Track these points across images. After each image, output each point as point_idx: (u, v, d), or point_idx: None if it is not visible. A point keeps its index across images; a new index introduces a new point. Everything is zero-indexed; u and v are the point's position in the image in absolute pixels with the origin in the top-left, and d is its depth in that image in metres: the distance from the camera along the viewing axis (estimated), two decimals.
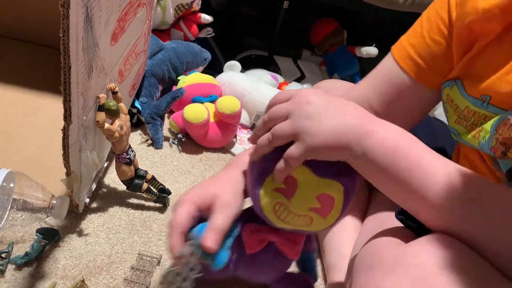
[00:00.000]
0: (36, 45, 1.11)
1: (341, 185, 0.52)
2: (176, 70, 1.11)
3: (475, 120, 0.57)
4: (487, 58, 0.56)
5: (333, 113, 0.49)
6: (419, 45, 0.63)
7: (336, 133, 0.48)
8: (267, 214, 0.56)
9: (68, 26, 0.47)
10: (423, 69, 0.63)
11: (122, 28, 0.68)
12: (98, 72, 0.61)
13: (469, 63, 0.58)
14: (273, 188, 0.53)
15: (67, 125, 0.55)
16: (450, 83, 0.61)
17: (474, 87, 0.56)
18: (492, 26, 0.55)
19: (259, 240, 0.60)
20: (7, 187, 0.65)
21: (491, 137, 0.51)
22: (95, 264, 0.69)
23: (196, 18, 1.26)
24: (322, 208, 0.53)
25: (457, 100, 0.59)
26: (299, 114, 0.49)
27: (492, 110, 0.55)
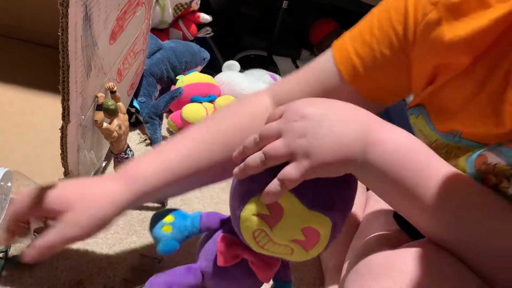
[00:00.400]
0: (35, 44, 1.11)
1: (330, 221, 0.48)
2: (175, 70, 1.11)
3: (449, 150, 0.53)
4: (453, 91, 0.51)
5: (331, 124, 0.45)
6: (366, 55, 0.55)
7: (338, 147, 0.44)
8: (246, 238, 0.52)
9: (67, 25, 0.47)
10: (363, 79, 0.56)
11: (121, 27, 0.68)
12: (96, 71, 0.61)
13: (433, 95, 0.53)
14: (256, 213, 0.49)
15: (65, 124, 0.55)
16: (414, 111, 0.55)
17: (442, 121, 0.52)
18: (460, 59, 0.48)
19: (233, 255, 0.57)
20: (4, 186, 0.65)
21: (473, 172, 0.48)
22: (93, 265, 0.68)
23: (195, 18, 1.25)
24: (306, 241, 0.49)
25: (425, 132, 0.54)
26: (294, 131, 0.45)
27: (465, 143, 0.51)
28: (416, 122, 0.56)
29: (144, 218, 0.79)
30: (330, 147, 0.44)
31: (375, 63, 0.54)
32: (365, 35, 0.55)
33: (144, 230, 0.77)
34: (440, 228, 0.44)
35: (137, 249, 0.73)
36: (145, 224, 0.78)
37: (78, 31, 0.50)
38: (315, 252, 0.50)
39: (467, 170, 0.49)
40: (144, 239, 0.75)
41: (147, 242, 0.75)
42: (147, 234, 0.76)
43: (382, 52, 0.54)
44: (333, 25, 1.50)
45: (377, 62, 0.54)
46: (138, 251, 0.73)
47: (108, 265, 0.69)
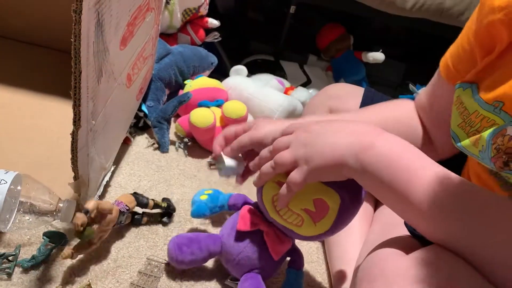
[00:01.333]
0: (45, 48, 1.12)
1: (338, 197, 0.56)
2: (183, 74, 1.11)
3: (480, 127, 0.55)
4: (505, 63, 0.54)
5: (328, 135, 0.53)
6: (454, 53, 0.64)
7: (331, 152, 0.51)
8: (266, 202, 0.62)
9: (79, 32, 0.47)
10: (456, 76, 0.64)
11: (131, 33, 0.68)
12: (107, 77, 0.61)
13: (486, 68, 0.57)
14: (276, 181, 0.59)
15: (76, 129, 0.56)
16: (463, 85, 0.60)
17: (488, 91, 0.55)
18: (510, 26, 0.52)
19: (251, 221, 0.66)
20: (14, 190, 0.65)
21: (489, 147, 0.51)
22: (101, 268, 0.69)
23: (203, 23, 1.26)
24: (315, 213, 0.57)
25: (467, 102, 0.58)
26: (298, 142, 0.54)
27: (503, 117, 0.53)
28: (461, 94, 0.59)
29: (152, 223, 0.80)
30: (323, 153, 0.51)
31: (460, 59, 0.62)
32: (457, 39, 0.65)
33: (151, 234, 0.77)
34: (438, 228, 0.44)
35: (145, 253, 0.73)
36: (153, 228, 0.78)
37: (90, 38, 0.51)
38: (322, 227, 0.57)
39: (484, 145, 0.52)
40: (151, 243, 0.75)
41: (155, 246, 0.75)
42: (155, 238, 0.76)
43: (464, 47, 0.62)
44: (341, 30, 1.50)
45: (460, 57, 0.62)
46: (147, 255, 0.73)
47: (116, 269, 0.69)
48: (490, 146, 0.50)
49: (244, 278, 0.67)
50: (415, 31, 1.42)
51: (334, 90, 0.89)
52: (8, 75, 1.01)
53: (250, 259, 0.67)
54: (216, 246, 0.70)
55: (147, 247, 0.74)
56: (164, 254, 0.74)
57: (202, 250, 0.69)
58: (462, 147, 0.58)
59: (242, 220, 0.67)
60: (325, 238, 0.60)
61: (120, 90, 0.71)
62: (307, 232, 0.59)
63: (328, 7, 1.37)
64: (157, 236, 0.77)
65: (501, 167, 0.48)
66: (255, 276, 0.67)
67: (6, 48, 1.10)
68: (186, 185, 0.91)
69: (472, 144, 0.55)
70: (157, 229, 0.78)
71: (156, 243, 0.76)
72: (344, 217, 0.58)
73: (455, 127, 0.60)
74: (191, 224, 0.82)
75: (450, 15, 1.24)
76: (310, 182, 0.55)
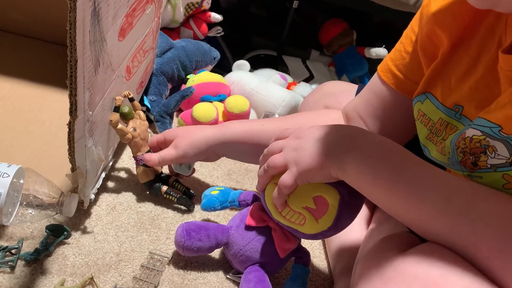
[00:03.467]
0: (44, 41, 1.12)
1: (337, 193, 0.56)
2: (186, 69, 1.11)
3: (445, 135, 0.56)
4: (452, 67, 0.56)
5: (317, 139, 0.54)
6: (396, 58, 0.67)
7: (318, 155, 0.53)
8: (268, 204, 0.63)
9: (75, 19, 0.47)
10: (401, 80, 0.66)
11: (130, 24, 0.68)
12: (105, 68, 0.61)
13: (435, 74, 0.59)
14: (277, 182, 0.59)
15: (72, 119, 0.55)
16: (420, 98, 0.61)
17: (446, 96, 0.57)
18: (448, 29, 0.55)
19: (260, 217, 0.67)
20: (17, 183, 0.65)
21: (454, 152, 0.51)
22: (103, 262, 0.68)
23: (206, 17, 1.26)
24: (316, 210, 0.57)
25: (429, 112, 0.59)
26: (289, 147, 0.57)
27: (464, 121, 0.53)
28: (421, 107, 0.60)
29: (155, 216, 0.79)
30: (309, 156, 0.54)
31: (405, 64, 0.65)
32: (396, 44, 0.68)
33: (154, 228, 0.77)
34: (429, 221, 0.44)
35: (147, 247, 0.73)
36: (156, 222, 0.78)
37: (86, 26, 0.50)
38: (324, 224, 0.57)
39: (450, 152, 0.53)
40: (154, 237, 0.75)
41: (157, 240, 0.75)
42: (158, 233, 0.76)
43: (406, 50, 0.65)
44: (343, 25, 1.49)
45: (406, 62, 0.65)
46: (150, 249, 0.72)
47: (119, 263, 0.69)
48: (455, 151, 0.51)
49: (249, 271, 0.67)
50: None
51: (329, 88, 0.90)
52: (8, 69, 1.01)
53: (256, 252, 0.67)
54: (224, 236, 0.70)
55: (149, 241, 0.74)
56: (167, 248, 0.74)
57: (210, 238, 0.69)
58: (434, 158, 0.58)
59: (251, 216, 0.68)
60: (330, 235, 0.59)
61: (119, 82, 0.70)
62: (310, 230, 0.59)
63: (331, 2, 1.36)
64: (160, 230, 0.77)
65: (472, 168, 0.49)
66: (259, 269, 0.67)
67: (5, 41, 1.10)
68: (188, 179, 0.90)
69: (440, 153, 0.56)
70: (159, 223, 0.78)
71: (159, 237, 0.76)
72: (346, 212, 0.58)
73: (424, 140, 0.61)
74: (193, 219, 0.81)
75: None
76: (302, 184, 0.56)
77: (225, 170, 0.96)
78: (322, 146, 0.53)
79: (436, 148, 0.57)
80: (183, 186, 0.83)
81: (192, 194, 0.83)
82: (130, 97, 0.76)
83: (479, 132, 0.48)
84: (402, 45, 0.66)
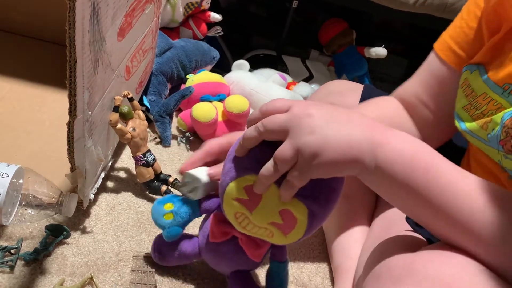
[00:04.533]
0: (44, 41, 1.12)
1: (305, 208, 0.48)
2: (185, 69, 1.11)
3: (485, 110, 0.53)
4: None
5: (338, 124, 0.45)
6: (457, 35, 0.62)
7: (345, 146, 0.44)
8: (229, 219, 0.55)
9: (74, 19, 0.47)
10: (463, 59, 0.61)
11: (130, 24, 0.68)
12: (104, 67, 0.61)
13: (493, 48, 0.55)
14: (234, 198, 0.51)
15: (72, 119, 0.55)
16: (471, 67, 0.57)
17: (497, 73, 0.52)
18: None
19: (223, 231, 0.60)
20: (16, 183, 0.65)
21: (500, 130, 0.49)
22: (103, 262, 0.68)
23: (205, 17, 1.26)
24: (284, 225, 0.50)
25: (475, 85, 0.55)
26: (301, 128, 0.44)
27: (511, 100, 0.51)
28: (468, 77, 0.57)
29: None
30: (337, 146, 0.43)
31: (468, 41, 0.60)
32: (456, 21, 0.62)
33: (154, 228, 0.77)
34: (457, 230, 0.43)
35: (146, 247, 0.73)
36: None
37: (85, 26, 0.50)
38: (294, 237, 0.51)
39: (495, 128, 0.49)
40: (153, 237, 0.75)
41: None
42: (157, 232, 0.76)
43: (470, 26, 0.60)
44: (343, 25, 1.49)
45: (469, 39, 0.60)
46: (147, 249, 0.72)
47: (118, 263, 0.69)
48: (501, 129, 0.48)
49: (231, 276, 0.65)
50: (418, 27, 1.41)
51: (335, 87, 0.89)
52: (7, 69, 1.01)
53: (231, 266, 0.64)
54: (194, 250, 0.67)
55: (149, 241, 0.74)
56: None
57: (181, 256, 0.67)
58: (468, 130, 0.55)
59: (212, 232, 0.61)
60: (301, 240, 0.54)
61: (118, 82, 0.70)
62: (279, 242, 0.54)
63: (330, 2, 1.36)
64: (159, 230, 0.76)
65: (510, 150, 0.47)
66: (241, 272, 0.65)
67: (5, 41, 1.10)
68: None
69: (480, 127, 0.53)
70: None
71: None
72: (316, 223, 0.51)
73: (460, 109, 0.58)
74: None
75: (454, 10, 1.23)
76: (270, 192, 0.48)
77: None
78: (351, 135, 0.44)
79: (476, 121, 0.53)
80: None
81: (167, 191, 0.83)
82: (130, 97, 0.76)
83: None
84: (464, 21, 0.61)
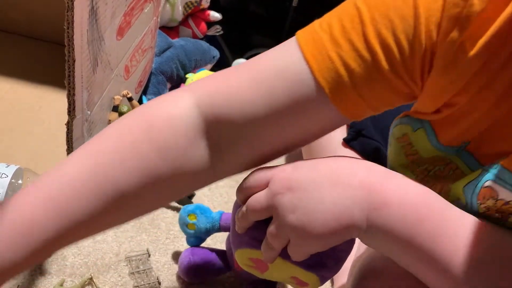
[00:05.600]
0: (44, 41, 1.12)
1: (314, 275, 0.46)
2: (185, 68, 1.11)
3: (429, 166, 0.47)
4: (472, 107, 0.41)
5: (322, 193, 0.39)
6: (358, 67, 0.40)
7: (331, 218, 0.39)
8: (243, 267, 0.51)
9: (72, 19, 0.47)
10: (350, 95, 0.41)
11: (129, 23, 0.68)
12: (103, 67, 0.61)
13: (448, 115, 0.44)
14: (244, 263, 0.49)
15: (71, 119, 0.55)
16: (412, 123, 0.47)
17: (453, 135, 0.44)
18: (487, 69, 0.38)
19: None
20: (15, 183, 0.65)
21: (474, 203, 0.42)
22: (103, 262, 0.68)
23: (205, 16, 1.25)
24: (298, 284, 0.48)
25: (419, 147, 0.47)
26: (282, 208, 0.40)
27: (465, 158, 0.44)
28: (410, 134, 0.47)
29: (154, 216, 0.79)
30: (322, 220, 0.39)
31: (370, 78, 0.41)
32: (353, 38, 0.40)
33: (154, 229, 0.76)
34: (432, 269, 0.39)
35: (147, 247, 0.73)
36: (155, 222, 0.78)
37: (84, 25, 0.50)
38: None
39: (465, 200, 0.43)
40: (153, 237, 0.75)
41: (157, 241, 0.75)
42: (157, 233, 0.76)
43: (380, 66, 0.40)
44: None
45: (372, 77, 0.40)
46: (148, 249, 0.72)
47: (118, 263, 0.69)
48: (475, 204, 0.42)
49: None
50: None
51: None
52: (7, 68, 1.01)
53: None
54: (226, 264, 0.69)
55: (149, 241, 0.74)
56: (166, 248, 0.74)
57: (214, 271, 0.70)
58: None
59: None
60: None
61: (117, 81, 0.70)
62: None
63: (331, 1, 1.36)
64: (159, 230, 0.77)
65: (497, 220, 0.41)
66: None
67: (5, 41, 1.10)
68: None
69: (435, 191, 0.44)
70: (159, 223, 0.78)
71: (158, 237, 0.75)
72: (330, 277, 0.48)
73: (398, 166, 0.50)
74: None
75: None
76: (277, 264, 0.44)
77: None
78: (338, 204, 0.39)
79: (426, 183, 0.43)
80: None
81: (192, 193, 0.83)
82: (129, 97, 0.76)
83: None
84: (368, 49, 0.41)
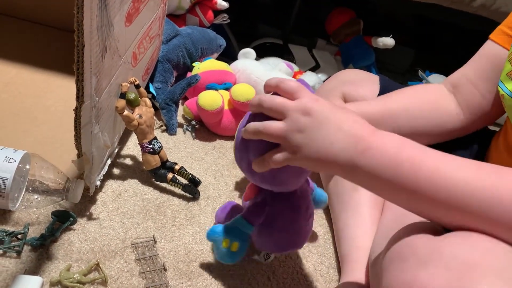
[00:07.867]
0: (50, 27, 1.11)
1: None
2: (191, 56, 1.10)
3: None
4: None
5: (326, 129, 0.50)
6: (509, 22, 0.67)
7: (323, 152, 0.50)
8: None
9: (82, 3, 0.47)
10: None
11: (137, 10, 0.67)
12: (112, 53, 0.60)
13: None
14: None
15: (79, 105, 0.55)
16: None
17: None
18: None
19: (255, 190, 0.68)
20: (23, 168, 0.65)
21: None
22: (109, 248, 0.69)
23: (212, 4, 1.24)
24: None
25: None
26: (294, 123, 0.51)
27: None
28: None
29: (160, 203, 0.79)
30: (317, 150, 0.50)
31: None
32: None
33: (160, 216, 0.77)
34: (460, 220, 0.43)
35: (153, 234, 0.73)
36: (161, 209, 0.78)
37: (93, 10, 0.50)
38: None
39: None
40: (159, 224, 0.75)
41: (163, 228, 0.75)
42: (163, 220, 0.76)
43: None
44: (350, 14, 1.47)
45: None
46: (154, 236, 0.72)
47: (124, 249, 0.69)
48: None
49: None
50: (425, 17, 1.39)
51: (347, 76, 0.88)
52: (13, 54, 1.01)
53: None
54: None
55: (155, 228, 0.74)
56: (172, 235, 0.74)
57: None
58: (510, 91, 0.60)
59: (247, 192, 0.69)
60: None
61: (125, 68, 0.70)
62: None
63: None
64: (165, 218, 0.77)
65: None
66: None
67: (11, 26, 1.10)
68: (193, 167, 0.90)
69: None
70: (165, 210, 0.78)
71: (164, 224, 0.76)
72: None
73: (504, 76, 0.62)
74: (198, 206, 0.82)
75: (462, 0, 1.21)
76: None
77: (230, 159, 0.95)
78: (332, 143, 0.50)
79: None
80: (189, 173, 0.83)
81: (198, 181, 0.83)
82: (136, 84, 0.76)
83: None
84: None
